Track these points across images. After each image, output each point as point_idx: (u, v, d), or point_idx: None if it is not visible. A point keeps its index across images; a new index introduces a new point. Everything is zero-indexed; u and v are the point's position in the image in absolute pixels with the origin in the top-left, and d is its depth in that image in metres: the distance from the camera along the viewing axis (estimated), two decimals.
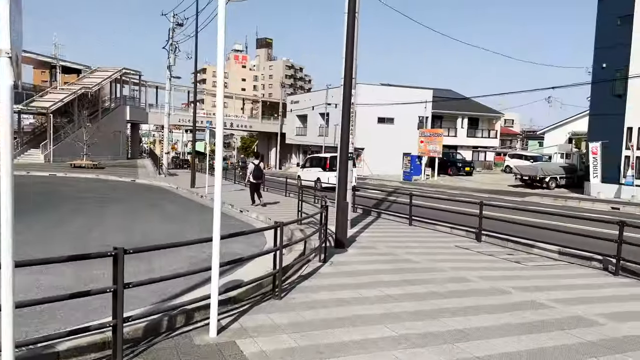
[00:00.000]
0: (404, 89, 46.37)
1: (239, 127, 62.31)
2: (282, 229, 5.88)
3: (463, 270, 8.00)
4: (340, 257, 8.60)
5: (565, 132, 49.21)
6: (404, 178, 37.47)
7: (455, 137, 52.97)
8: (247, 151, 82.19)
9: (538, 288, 6.99)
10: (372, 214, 15.74)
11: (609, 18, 25.00)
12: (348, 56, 9.90)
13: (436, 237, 11.69)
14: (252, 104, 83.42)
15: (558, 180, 30.02)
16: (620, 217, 16.50)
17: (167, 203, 18.77)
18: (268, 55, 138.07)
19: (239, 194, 19.45)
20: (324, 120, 48.46)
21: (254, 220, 14.13)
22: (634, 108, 23.88)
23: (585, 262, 9.07)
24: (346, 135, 9.73)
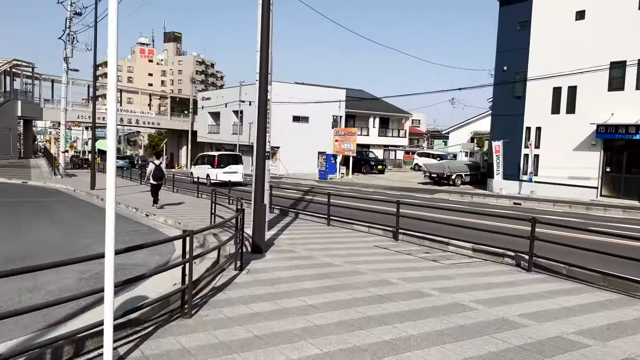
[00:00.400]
0: (318, 88, 46.50)
1: (145, 125, 59.15)
2: (191, 237, 5.20)
3: (384, 272, 7.77)
4: (258, 264, 8.03)
5: (468, 131, 52.07)
6: (320, 177, 37.51)
7: (367, 136, 54.10)
8: (155, 149, 78.44)
9: (459, 288, 6.90)
10: (289, 214, 15.29)
11: (510, 23, 26.56)
12: (263, 49, 9.33)
13: (355, 237, 11.48)
14: (160, 100, 79.72)
15: (463, 178, 31.53)
16: (522, 212, 17.48)
17: (62, 207, 17.04)
18: (177, 50, 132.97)
19: (145, 195, 18.12)
20: (237, 118, 47.30)
21: (162, 224, 13.11)
22: (532, 109, 25.56)
23: (498, 258, 9.25)
24: (263, 133, 9.17)
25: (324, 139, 43.95)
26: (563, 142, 24.09)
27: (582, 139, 23.41)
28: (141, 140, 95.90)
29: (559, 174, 24.25)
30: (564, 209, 19.75)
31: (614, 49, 22.07)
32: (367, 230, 12.38)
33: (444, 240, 10.44)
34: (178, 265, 5.12)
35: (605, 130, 22.24)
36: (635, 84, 21.54)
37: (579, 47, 23.34)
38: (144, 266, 8.17)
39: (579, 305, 6.27)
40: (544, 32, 24.96)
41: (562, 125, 24.18)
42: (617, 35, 21.98)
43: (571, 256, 8.41)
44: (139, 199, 18.76)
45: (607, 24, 22.37)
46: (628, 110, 21.63)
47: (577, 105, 23.71)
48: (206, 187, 19.76)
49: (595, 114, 22.69)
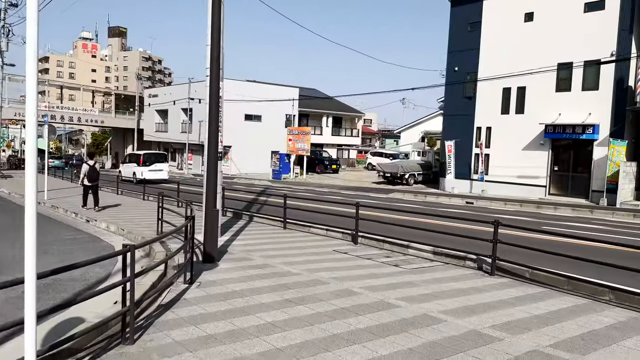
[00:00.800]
0: (271, 86, 45.74)
1: (87, 122, 56.40)
2: (133, 253, 4.54)
3: (346, 280, 7.33)
4: (210, 275, 7.39)
5: (419, 131, 52.79)
6: (274, 177, 36.84)
7: (321, 135, 53.81)
8: (99, 148, 75.12)
9: (425, 297, 6.55)
10: (243, 217, 14.64)
11: (460, 24, 26.88)
12: (214, 42, 8.67)
13: (313, 241, 11.00)
14: (104, 97, 76.42)
15: (416, 177, 31.76)
16: (475, 211, 17.58)
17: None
18: (122, 45, 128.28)
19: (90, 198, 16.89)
20: (187, 116, 45.80)
21: (104, 231, 12.16)
22: (482, 109, 25.96)
23: (459, 261, 9.02)
24: (214, 132, 8.51)
25: (277, 138, 43.27)
26: (513, 141, 24.60)
27: (530, 138, 23.97)
28: (84, 139, 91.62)
29: (509, 173, 24.75)
30: (515, 207, 20.07)
31: (561, 51, 22.69)
32: (325, 234, 11.94)
33: (404, 244, 10.14)
34: (117, 285, 4.44)
35: (553, 130, 22.84)
36: (582, 84, 22.23)
37: (527, 48, 23.87)
38: (81, 281, 7.37)
39: (549, 313, 6.05)
40: (494, 33, 25.40)
41: (512, 125, 24.69)
42: (564, 37, 22.61)
43: (527, 257, 8.29)
44: (78, 201, 17.54)
45: (554, 26, 22.97)
46: (575, 110, 22.30)
47: (526, 105, 24.26)
48: (153, 189, 18.75)
49: (543, 114, 23.27)
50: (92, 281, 7.39)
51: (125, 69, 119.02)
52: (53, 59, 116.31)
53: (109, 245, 10.09)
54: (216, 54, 8.83)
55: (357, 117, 60.51)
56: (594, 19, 21.73)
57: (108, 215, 14.37)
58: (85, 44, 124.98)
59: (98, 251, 9.44)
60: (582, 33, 22.00)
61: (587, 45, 21.83)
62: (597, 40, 21.55)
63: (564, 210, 18.99)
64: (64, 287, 7.00)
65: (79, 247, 9.76)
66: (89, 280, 7.37)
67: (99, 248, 9.76)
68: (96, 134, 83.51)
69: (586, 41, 21.86)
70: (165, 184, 25.87)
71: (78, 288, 7.02)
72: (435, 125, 50.53)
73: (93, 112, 58.49)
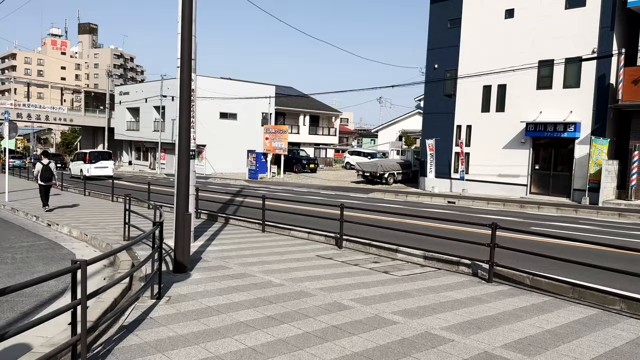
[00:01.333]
0: (247, 84, 44.71)
1: (56, 121, 54.37)
2: (84, 271, 3.74)
3: (334, 291, 6.63)
4: (182, 288, 6.59)
5: (397, 130, 52.59)
6: (250, 176, 35.93)
7: (297, 134, 53.01)
8: (68, 147, 72.76)
9: (423, 310, 5.90)
10: (218, 219, 13.81)
11: (440, 20, 26.46)
12: (185, 28, 7.85)
13: (294, 245, 10.26)
14: (73, 95, 74.05)
15: (395, 176, 31.30)
16: (458, 210, 17.10)
17: None
18: (93, 43, 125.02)
19: (53, 200, 15.79)
20: (159, 114, 44.43)
21: (65, 236, 11.17)
22: (462, 107, 25.59)
23: (452, 267, 8.43)
24: (186, 127, 7.69)
25: (254, 136, 42.34)
26: (493, 140, 24.30)
27: (511, 137, 23.69)
28: (53, 138, 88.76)
29: (490, 172, 24.46)
30: (498, 207, 19.70)
31: (542, 48, 22.46)
32: (306, 237, 11.21)
33: (392, 247, 9.49)
34: (63, 311, 3.63)
35: (534, 128, 22.59)
36: (563, 82, 22.01)
37: (508, 45, 23.58)
38: (33, 297, 6.48)
39: (561, 327, 5.45)
40: (474, 30, 25.06)
41: (492, 123, 24.38)
42: (545, 34, 22.37)
43: (518, 260, 7.75)
44: (41, 203, 16.41)
45: (535, 23, 22.72)
46: (556, 108, 22.08)
47: (507, 103, 23.98)
48: (121, 190, 17.73)
49: (524, 113, 23.01)
50: (45, 297, 6.50)
51: (96, 67, 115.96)
52: (20, 55, 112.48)
53: (70, 253, 9.15)
54: (187, 42, 8.01)
55: (334, 116, 59.90)
56: (575, 16, 21.54)
57: (72, 218, 13.35)
58: (55, 41, 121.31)
59: (56, 260, 8.51)
60: (563, 30, 21.80)
61: (568, 42, 21.64)
62: (578, 37, 21.37)
63: (548, 209, 18.68)
64: (11, 305, 6.11)
65: (36, 256, 8.80)
66: (42, 296, 6.48)
67: (58, 256, 8.83)
68: (66, 133, 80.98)
69: (567, 38, 21.66)
70: (139, 184, 24.76)
71: (28, 306, 6.13)
72: (413, 124, 50.38)
73: (62, 110, 56.44)
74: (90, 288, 3.90)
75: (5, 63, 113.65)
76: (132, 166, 51.07)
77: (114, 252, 4.37)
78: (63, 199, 19.13)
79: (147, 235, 5.72)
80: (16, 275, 7.35)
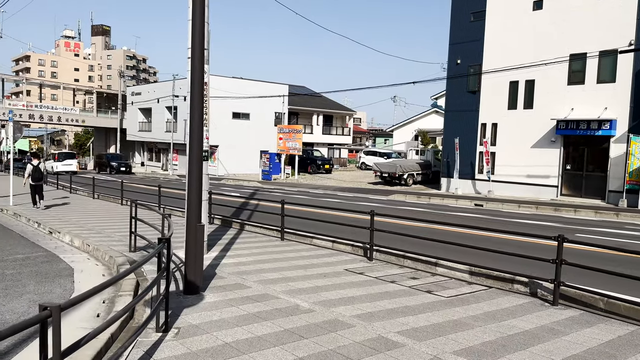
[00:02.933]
0: (260, 83, 43.72)
1: (68, 122, 53.93)
2: (57, 319, 2.67)
3: (375, 319, 5.52)
4: (193, 315, 5.52)
5: (412, 129, 51.25)
6: (263, 177, 34.93)
7: (311, 134, 51.93)
8: (82, 149, 72.48)
9: (492, 349, 4.78)
10: (233, 225, 12.79)
11: (463, 14, 25.20)
12: (197, 12, 6.79)
13: (318, 256, 9.17)
14: (86, 96, 73.79)
15: (415, 177, 30.10)
16: (490, 215, 15.82)
17: None
18: (106, 44, 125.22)
19: (60, 203, 14.92)
20: (171, 114, 43.64)
21: (66, 246, 10.19)
22: (487, 104, 24.32)
23: (505, 285, 7.27)
24: (198, 125, 6.63)
25: (267, 137, 41.35)
26: (521, 139, 23.00)
27: (540, 135, 22.37)
28: (66, 139, 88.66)
29: (517, 172, 23.17)
30: (530, 210, 18.43)
31: (574, 41, 21.12)
32: (330, 247, 10.12)
33: (431, 261, 8.35)
34: None
35: (565, 126, 21.25)
36: (596, 76, 20.65)
37: (536, 38, 22.28)
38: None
39: None
40: (499, 23, 23.78)
41: (520, 121, 23.08)
42: (577, 26, 21.04)
43: (578, 276, 6.57)
44: (43, 209, 15.54)
45: (566, 14, 21.38)
46: (589, 104, 20.73)
47: (535, 100, 22.65)
48: (132, 195, 16.80)
49: (554, 109, 21.69)
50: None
51: (109, 68, 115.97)
52: (34, 57, 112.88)
53: (68, 267, 8.15)
54: (200, 29, 6.95)
55: (348, 115, 58.76)
56: (610, 6, 20.15)
57: (76, 224, 12.39)
58: (68, 43, 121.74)
59: (51, 277, 7.50)
60: (597, 21, 20.43)
61: (602, 34, 20.27)
62: (613, 28, 19.99)
63: (585, 212, 17.37)
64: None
65: (29, 271, 7.81)
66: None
67: (53, 272, 7.82)
68: (79, 134, 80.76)
69: (601, 30, 20.30)
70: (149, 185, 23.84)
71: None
72: (430, 123, 49.01)
73: (74, 111, 55.97)
74: (82, 316, 2.84)
75: (20, 65, 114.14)
76: (144, 167, 50.38)
77: (103, 287, 3.30)
78: (70, 202, 18.27)
79: (151, 257, 4.65)
80: (1, 298, 6.35)
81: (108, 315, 5.50)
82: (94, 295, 3.26)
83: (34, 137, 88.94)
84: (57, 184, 25.20)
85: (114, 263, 8.03)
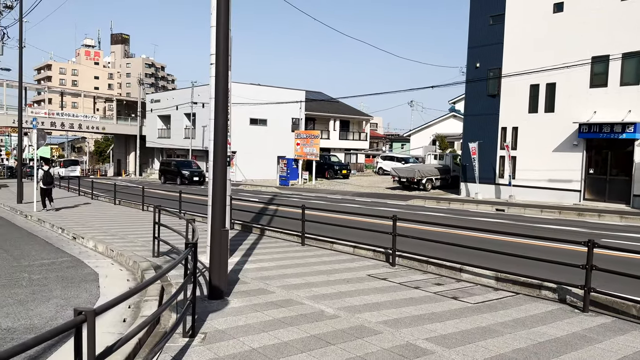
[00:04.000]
0: (277, 89, 43.93)
1: (89, 129, 54.79)
2: (92, 324, 2.68)
3: (402, 326, 5.45)
4: (219, 320, 5.51)
5: (430, 134, 50.94)
6: (281, 183, 35.00)
7: (328, 139, 51.97)
8: (102, 156, 73.56)
9: (523, 356, 4.67)
10: (253, 230, 12.80)
11: (481, 17, 25.01)
12: (222, 17, 6.82)
13: (340, 262, 9.11)
14: (105, 103, 74.95)
15: (434, 182, 29.84)
16: (511, 220, 15.61)
17: None
18: (125, 52, 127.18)
19: (79, 210, 15.13)
20: (190, 121, 44.08)
21: (90, 251, 10.30)
22: (507, 108, 24.04)
23: (532, 291, 7.13)
24: (223, 130, 6.64)
25: (284, 142, 41.50)
26: (542, 142, 22.67)
27: (562, 139, 22.02)
28: (87, 146, 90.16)
29: (538, 177, 22.82)
30: (553, 215, 18.12)
31: (596, 43, 20.79)
32: (352, 252, 10.06)
33: (455, 266, 8.24)
34: None
35: (588, 129, 20.89)
36: (620, 79, 20.27)
37: (557, 41, 21.99)
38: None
39: None
40: (518, 26, 23.53)
41: (541, 124, 22.76)
42: (599, 28, 20.71)
43: (608, 282, 6.39)
44: (72, 214, 15.75)
45: (587, 17, 21.07)
46: (612, 107, 20.36)
47: (557, 103, 22.32)
48: (152, 200, 16.97)
49: (576, 113, 21.35)
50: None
51: (128, 76, 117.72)
52: (55, 66, 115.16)
53: (92, 272, 8.23)
54: (224, 35, 6.97)
55: (364, 121, 58.68)
56: (633, 7, 19.79)
57: (99, 230, 12.54)
58: (88, 51, 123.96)
59: (77, 282, 7.58)
60: (620, 23, 20.08)
61: (625, 36, 19.91)
62: (637, 30, 19.62)
63: (610, 217, 17.02)
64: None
65: (55, 276, 7.90)
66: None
67: (79, 277, 7.91)
68: (99, 141, 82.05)
69: (625, 32, 19.94)
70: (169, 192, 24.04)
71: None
72: (447, 127, 48.65)
73: (94, 118, 56.86)
74: (109, 321, 2.84)
75: (41, 74, 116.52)
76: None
77: (133, 293, 3.30)
78: (92, 208, 18.52)
79: (179, 262, 4.66)
80: (28, 303, 6.43)
81: (134, 320, 5.52)
82: (119, 303, 3.26)
83: (55, 145, 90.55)
84: (79, 190, 25.59)
85: (138, 268, 8.08)
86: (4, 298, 6.67)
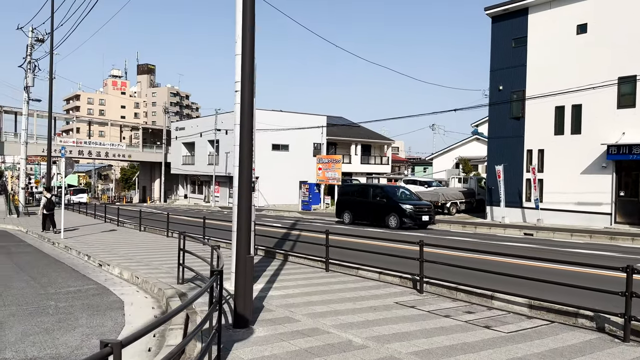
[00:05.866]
0: (298, 115, 44.38)
1: (115, 157, 56.01)
2: (118, 357, 2.62)
3: (434, 356, 5.25)
4: (244, 351, 5.40)
5: (452, 157, 50.51)
6: (303, 208, 34.97)
7: (349, 163, 51.99)
8: (127, 183, 74.87)
9: None
10: (276, 256, 12.70)
11: (504, 40, 24.94)
12: (247, 43, 6.90)
13: (365, 288, 8.93)
14: (132, 132, 76.67)
15: (458, 206, 29.43)
16: (542, 245, 15.18)
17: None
18: (151, 82, 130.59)
19: (108, 236, 15.29)
20: (213, 147, 44.68)
21: (116, 278, 10.33)
22: (532, 130, 23.72)
23: (568, 319, 6.83)
24: (248, 155, 6.65)
25: (305, 167, 41.64)
26: (569, 165, 22.21)
27: (590, 161, 21.54)
28: (113, 173, 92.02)
29: (566, 200, 22.30)
30: (584, 239, 17.58)
31: (622, 63, 20.47)
32: (377, 278, 9.86)
33: (486, 293, 7.97)
34: None
35: (617, 151, 20.40)
36: None
37: (581, 62, 21.74)
38: None
39: None
40: (541, 48, 23.37)
41: (568, 146, 22.34)
42: (624, 49, 20.42)
43: None
44: (99, 240, 15.91)
45: (612, 37, 20.82)
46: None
47: (583, 124, 21.93)
48: (177, 226, 17.07)
49: (604, 134, 20.91)
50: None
51: (154, 105, 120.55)
52: (84, 96, 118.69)
53: (118, 300, 8.22)
54: (249, 62, 7.04)
55: (386, 145, 58.63)
56: None
57: (124, 257, 12.61)
58: (115, 82, 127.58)
59: (102, 310, 7.57)
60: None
61: None
62: None
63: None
64: None
65: (81, 304, 7.91)
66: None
67: (104, 305, 7.90)
68: (125, 168, 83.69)
69: None
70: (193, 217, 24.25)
71: None
72: (470, 150, 48.22)
73: (120, 146, 58.16)
74: (134, 351, 2.76)
75: (70, 104, 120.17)
76: (187, 199, 51.48)
77: (159, 324, 3.25)
78: (118, 235, 18.71)
79: (205, 290, 4.59)
80: (55, 331, 6.42)
81: (159, 349, 5.45)
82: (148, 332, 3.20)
83: (82, 172, 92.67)
84: (105, 217, 25.95)
85: (162, 295, 8.05)
86: (31, 326, 6.69)
